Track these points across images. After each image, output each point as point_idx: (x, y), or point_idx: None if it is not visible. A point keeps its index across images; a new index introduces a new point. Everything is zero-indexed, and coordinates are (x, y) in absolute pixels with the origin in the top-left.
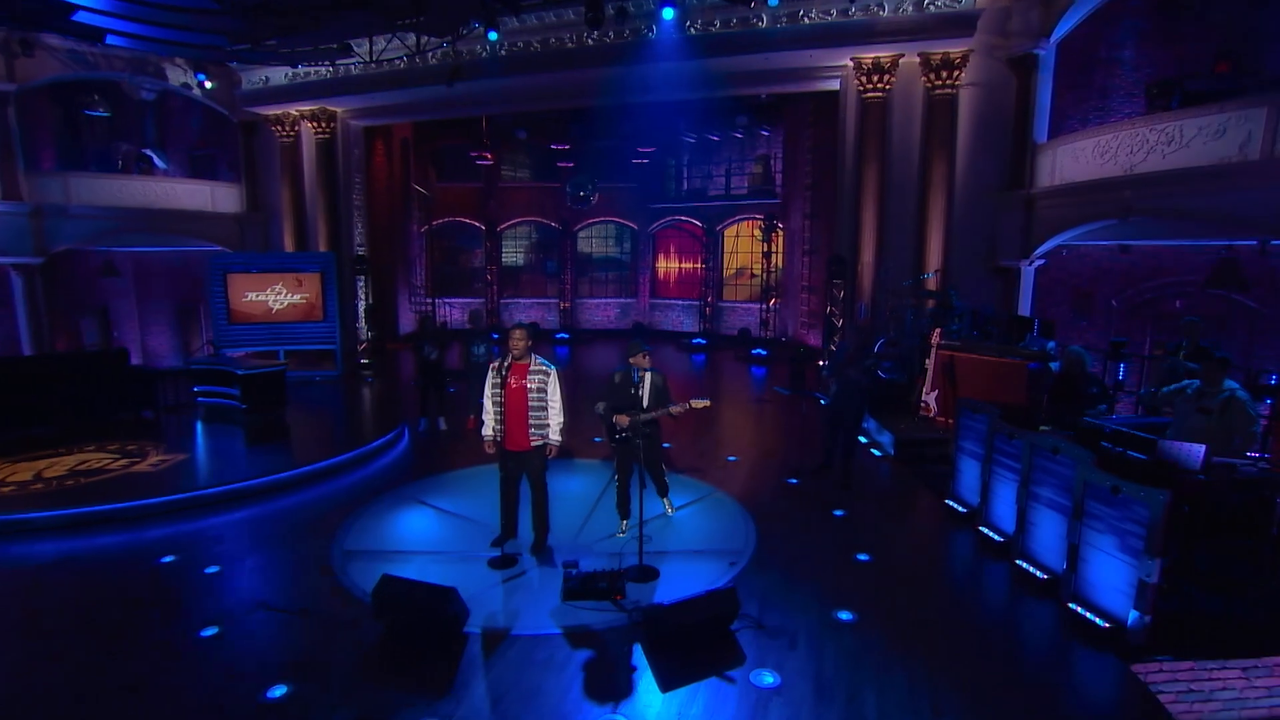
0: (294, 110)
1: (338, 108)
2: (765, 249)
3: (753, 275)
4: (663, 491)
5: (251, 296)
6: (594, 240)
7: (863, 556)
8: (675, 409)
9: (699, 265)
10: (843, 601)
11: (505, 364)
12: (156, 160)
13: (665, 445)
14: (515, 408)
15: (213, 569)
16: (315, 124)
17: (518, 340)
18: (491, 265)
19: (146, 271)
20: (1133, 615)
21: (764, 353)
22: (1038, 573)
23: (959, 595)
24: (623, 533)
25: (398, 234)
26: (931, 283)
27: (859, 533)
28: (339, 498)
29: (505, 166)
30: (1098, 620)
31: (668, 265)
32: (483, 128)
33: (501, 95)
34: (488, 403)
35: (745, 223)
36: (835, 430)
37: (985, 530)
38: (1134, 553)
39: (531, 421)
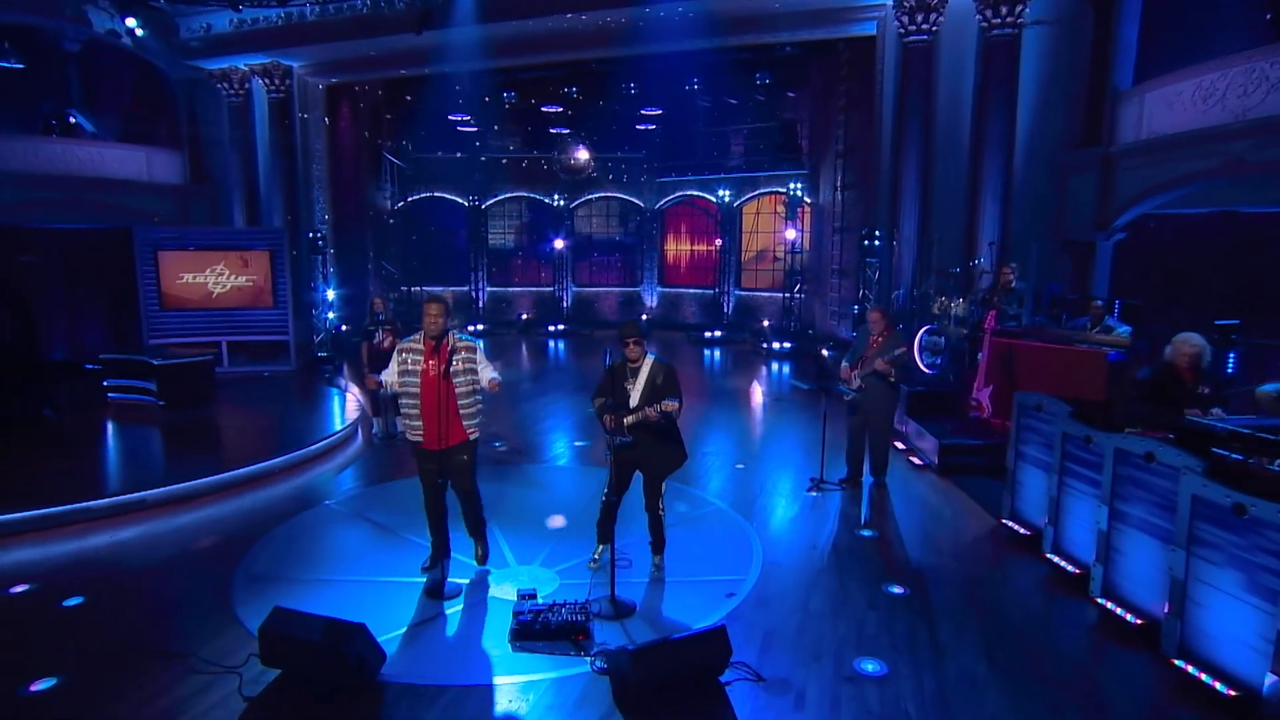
0: (243, 65)
1: (293, 62)
2: (789, 227)
3: (775, 259)
4: (656, 536)
5: (187, 278)
6: (594, 219)
7: (895, 589)
8: (649, 411)
9: (714, 248)
10: (867, 647)
11: (415, 345)
12: (84, 124)
13: None
14: (436, 399)
15: (74, 600)
16: (268, 81)
17: (434, 316)
18: (477, 247)
19: (75, 254)
20: (1269, 680)
21: (787, 347)
22: (1129, 616)
23: (1021, 643)
24: (595, 562)
25: (366, 211)
26: (986, 262)
27: (891, 559)
28: (263, 511)
29: (492, 135)
30: (1217, 685)
31: (678, 248)
32: (464, 88)
33: (482, 47)
34: (396, 389)
35: (767, 198)
36: (862, 433)
37: (1055, 558)
38: (1268, 594)
39: (463, 411)
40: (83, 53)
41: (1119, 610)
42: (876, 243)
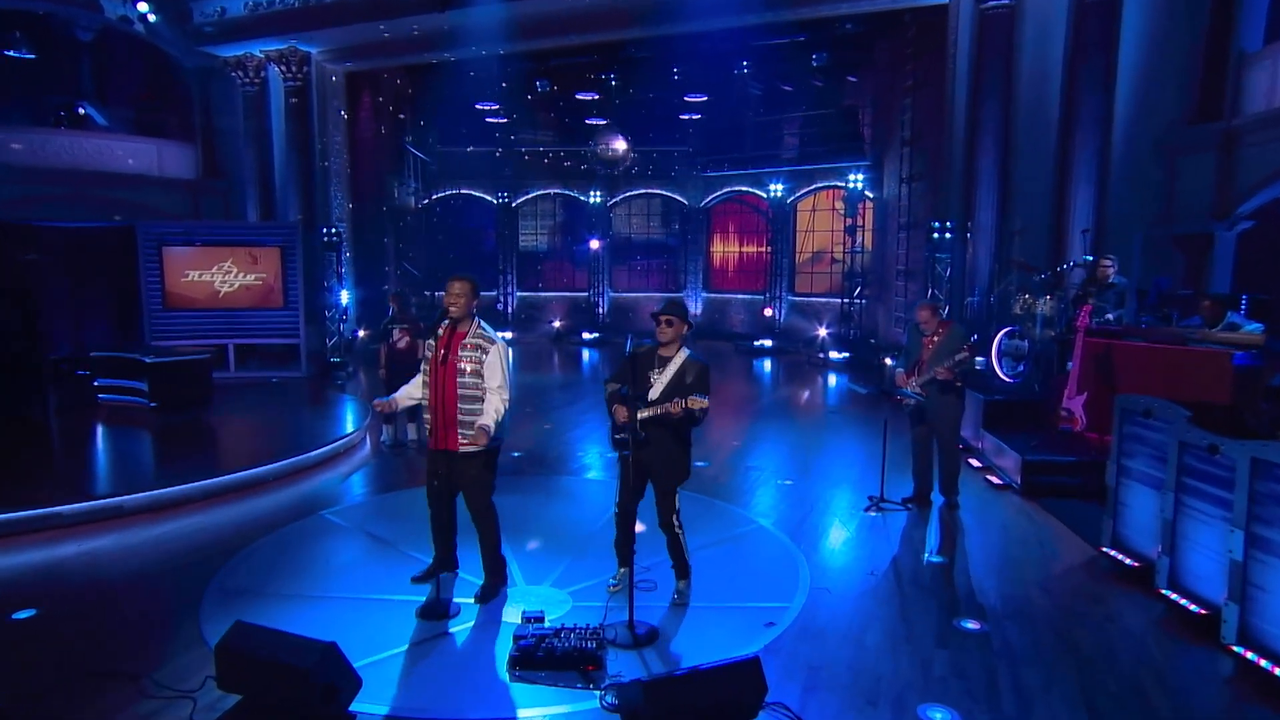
0: (258, 52)
1: (310, 48)
2: (849, 224)
3: (834, 260)
4: (676, 560)
5: (193, 276)
6: (633, 219)
7: (969, 624)
8: (671, 406)
9: (765, 249)
10: (935, 692)
11: (438, 329)
12: (94, 116)
13: (700, 464)
14: (436, 388)
15: (26, 613)
16: (285, 68)
17: (455, 295)
18: (506, 249)
19: (80, 252)
20: None
21: (846, 357)
22: (1274, 668)
23: (1132, 697)
24: (615, 584)
25: (387, 208)
26: (1079, 253)
27: (965, 590)
28: (252, 521)
29: (523, 128)
30: None
31: (725, 249)
32: (493, 77)
33: (510, 27)
34: (418, 380)
35: (824, 193)
36: (928, 445)
37: (1172, 595)
38: None
39: (461, 415)
40: (95, 42)
41: (1263, 662)
42: (947, 235)
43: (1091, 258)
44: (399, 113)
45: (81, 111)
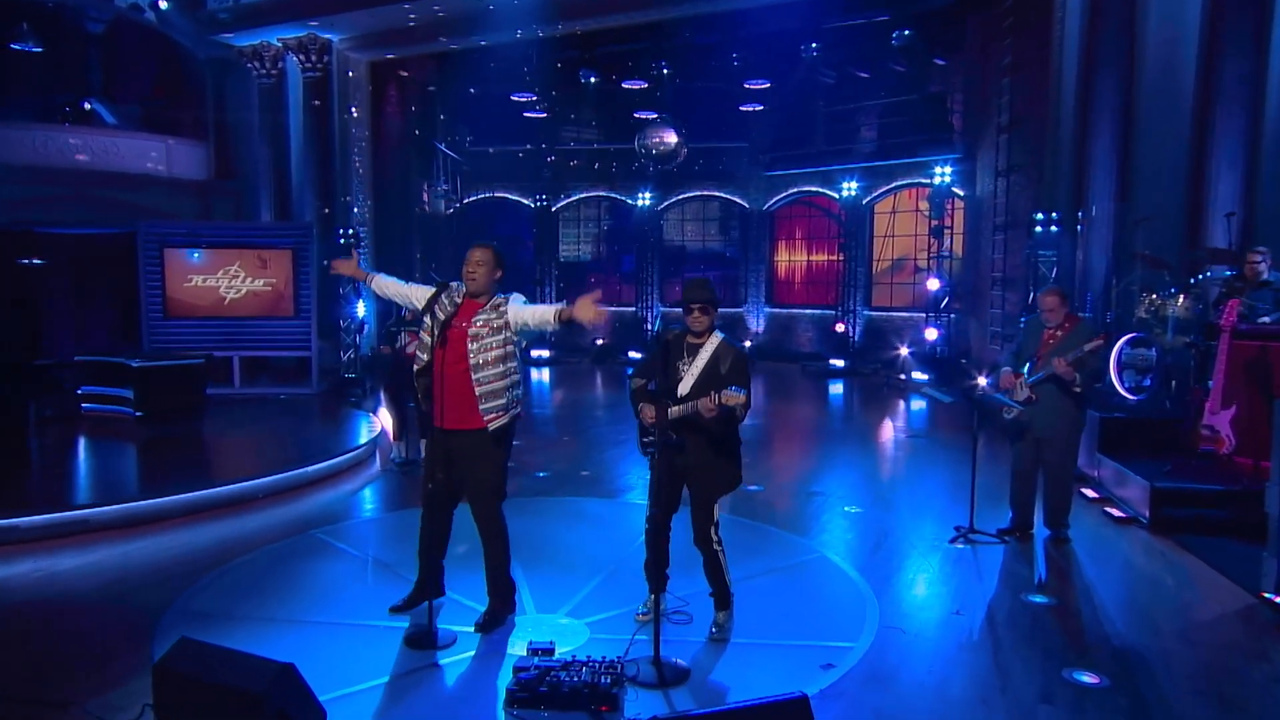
0: (276, 41)
1: (332, 35)
2: (935, 225)
3: (917, 269)
4: (715, 584)
5: (197, 281)
6: (687, 224)
7: (1085, 677)
8: (704, 403)
9: (836, 257)
10: None
11: (456, 298)
12: (102, 113)
13: (752, 488)
14: (453, 365)
15: None
16: (304, 58)
17: (475, 263)
18: (545, 258)
19: (83, 258)
20: None
21: (931, 377)
22: None
23: None
24: (644, 613)
25: (414, 211)
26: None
27: (1077, 636)
28: (235, 540)
29: (565, 124)
30: None
31: (791, 258)
32: (532, 67)
33: (550, 6)
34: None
35: (906, 192)
36: (1033, 466)
37: None
38: None
39: (480, 386)
40: (105, 34)
41: None
42: (1053, 229)
43: (1223, 242)
44: (428, 107)
45: (87, 107)
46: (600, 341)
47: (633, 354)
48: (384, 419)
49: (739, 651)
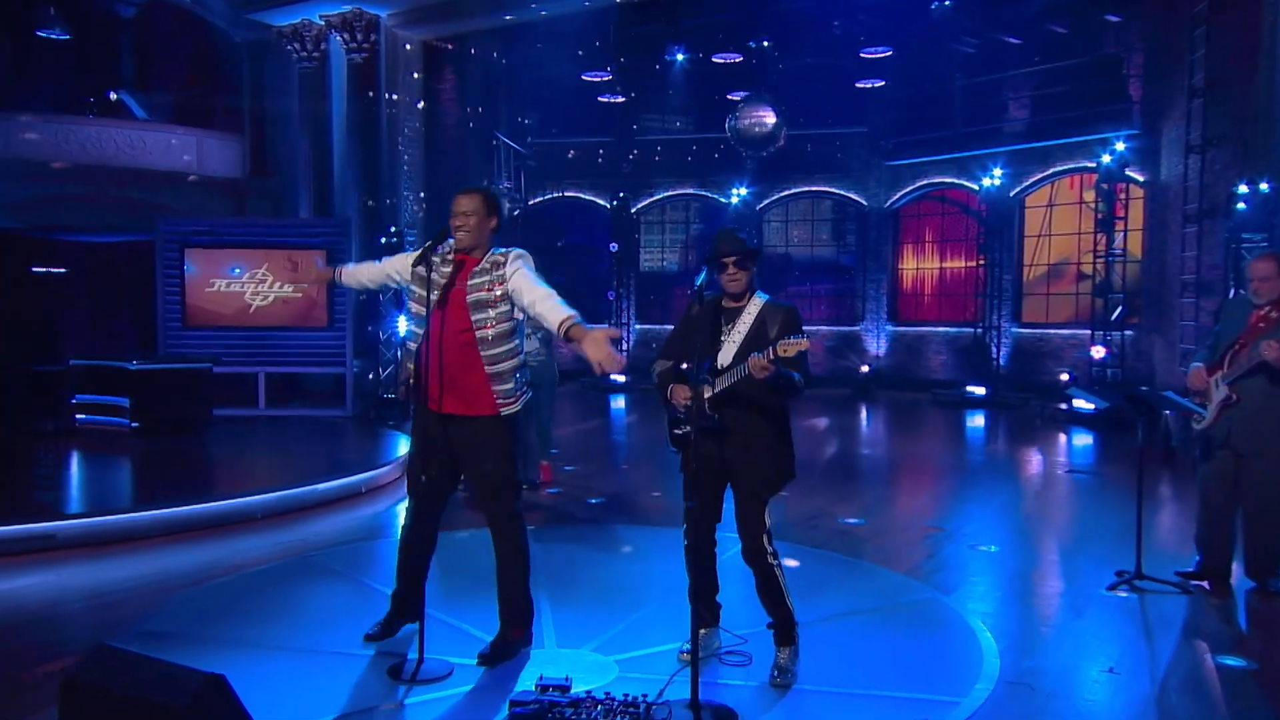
0: (318, 18)
1: (380, 10)
2: (1101, 217)
3: (1081, 274)
4: (772, 609)
5: (220, 286)
6: (792, 227)
7: None
8: (757, 362)
9: (976, 262)
10: None
11: (445, 254)
12: (130, 105)
13: (852, 521)
14: (453, 338)
15: None
16: (349, 37)
17: (464, 213)
18: (623, 268)
19: (104, 266)
20: None
21: (1101, 409)
22: None
23: None
24: (689, 651)
25: None
26: None
27: None
28: (226, 561)
29: (647, 110)
30: None
31: (920, 265)
32: (606, 44)
33: None
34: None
35: (1066, 179)
36: (1231, 496)
37: None
38: None
39: (489, 367)
40: (136, 19)
41: None
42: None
43: None
44: (487, 92)
45: (113, 97)
46: (685, 365)
47: None
48: None
49: (804, 700)
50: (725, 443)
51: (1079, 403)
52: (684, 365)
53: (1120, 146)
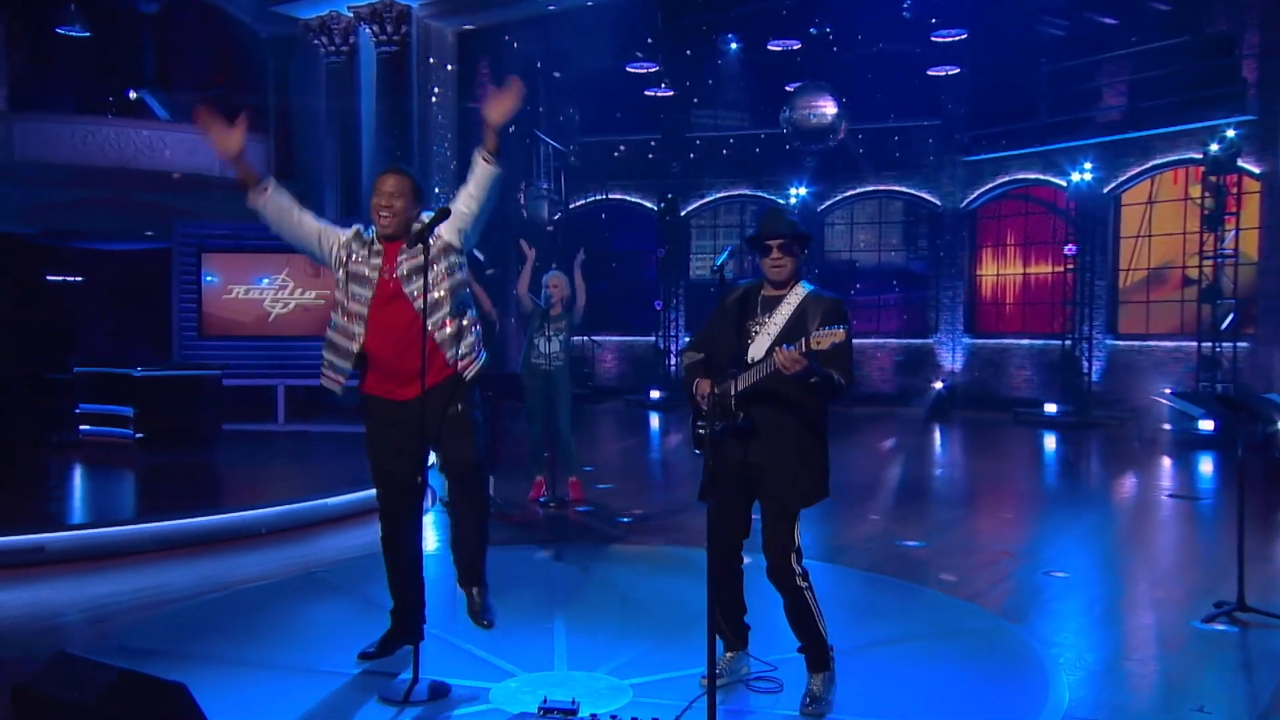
0: (346, 9)
1: (411, 0)
2: (1209, 214)
3: (1186, 279)
4: (804, 635)
5: (238, 293)
6: (858, 230)
7: None
8: (786, 355)
9: (1065, 268)
10: None
11: (376, 246)
12: (152, 105)
13: (911, 544)
14: (402, 330)
15: None
16: (378, 29)
17: (388, 195)
18: (671, 278)
19: (121, 275)
20: None
21: (1209, 430)
22: None
23: None
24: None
25: (509, 216)
26: None
27: None
28: (226, 577)
29: (698, 104)
30: None
31: (1000, 271)
32: (654, 33)
33: None
34: (339, 320)
35: (1169, 174)
36: None
37: None
38: None
39: (438, 333)
40: (159, 14)
41: None
42: None
43: None
44: (527, 87)
45: (133, 96)
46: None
47: None
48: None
49: None
50: (751, 446)
51: (1201, 423)
52: (705, 358)
53: (1231, 134)
